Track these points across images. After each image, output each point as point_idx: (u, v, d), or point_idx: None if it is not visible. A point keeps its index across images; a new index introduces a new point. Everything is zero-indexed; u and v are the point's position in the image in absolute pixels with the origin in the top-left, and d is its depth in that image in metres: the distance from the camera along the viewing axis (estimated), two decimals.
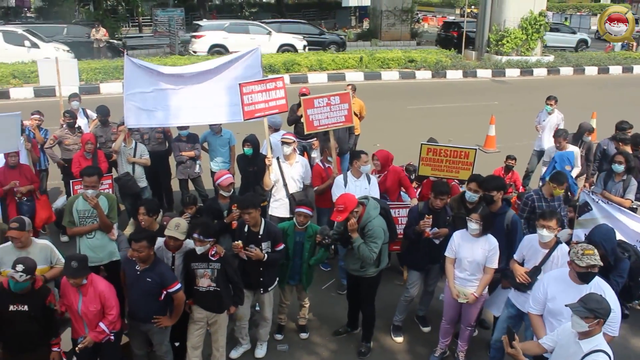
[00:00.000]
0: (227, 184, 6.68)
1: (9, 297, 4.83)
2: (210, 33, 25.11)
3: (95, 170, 6.35)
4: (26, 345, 5.02)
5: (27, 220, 5.50)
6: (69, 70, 10.57)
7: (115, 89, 18.56)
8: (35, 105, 11.15)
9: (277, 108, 7.56)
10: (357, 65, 23.00)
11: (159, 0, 41.23)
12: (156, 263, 5.25)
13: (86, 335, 5.04)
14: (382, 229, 5.83)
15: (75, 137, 8.89)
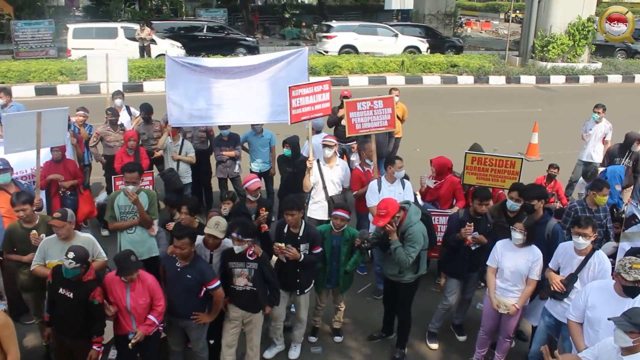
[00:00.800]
0: (255, 189, 6.67)
1: (61, 280, 5.00)
2: (341, 34, 25.98)
3: (136, 166, 6.48)
4: (68, 332, 5.16)
5: (70, 212, 5.64)
6: (119, 66, 10.76)
7: (158, 87, 18.88)
8: (81, 102, 11.43)
9: (322, 111, 7.57)
10: (399, 69, 22.87)
11: (202, 1, 41.83)
12: (196, 260, 5.31)
13: (136, 330, 5.12)
14: (422, 235, 5.78)
15: (117, 134, 9.07)
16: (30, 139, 6.71)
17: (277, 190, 8.60)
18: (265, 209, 6.53)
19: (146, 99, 9.83)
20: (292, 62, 7.89)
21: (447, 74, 23.07)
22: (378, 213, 5.68)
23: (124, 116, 9.90)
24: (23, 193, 5.94)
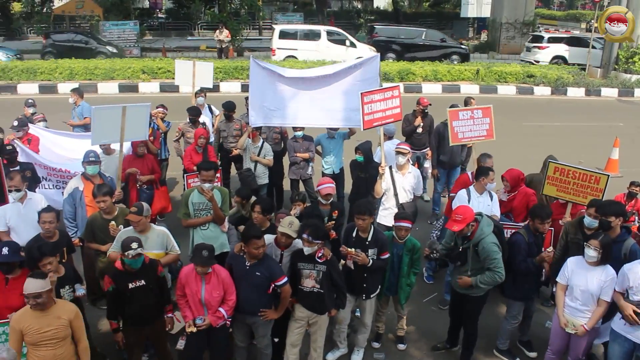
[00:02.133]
0: (325, 194, 6.70)
1: (127, 276, 5.21)
2: (553, 45, 27.04)
3: (212, 165, 6.64)
4: (146, 318, 5.39)
5: (146, 207, 5.86)
6: (204, 72, 11.06)
7: (233, 88, 19.38)
8: (160, 100, 11.83)
9: (393, 117, 7.56)
10: (473, 77, 22.48)
11: (279, 5, 42.54)
12: (265, 257, 5.39)
13: (205, 318, 5.27)
14: (496, 245, 5.66)
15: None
16: (115, 132, 7.02)
17: (348, 194, 8.62)
18: (338, 212, 6.57)
19: (222, 99, 10.08)
20: (364, 67, 7.96)
21: (523, 84, 22.48)
22: (454, 218, 5.62)
23: (206, 115, 10.20)
24: (104, 185, 6.24)
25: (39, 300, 4.48)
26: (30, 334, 4.52)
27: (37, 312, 4.55)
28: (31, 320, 4.54)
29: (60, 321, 4.62)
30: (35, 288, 4.44)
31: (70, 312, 4.71)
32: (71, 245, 6.35)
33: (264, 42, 33.95)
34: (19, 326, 4.54)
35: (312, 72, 8.36)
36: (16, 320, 4.58)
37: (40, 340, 4.56)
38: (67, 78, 20.78)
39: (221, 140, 9.25)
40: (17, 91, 20.07)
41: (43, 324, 4.54)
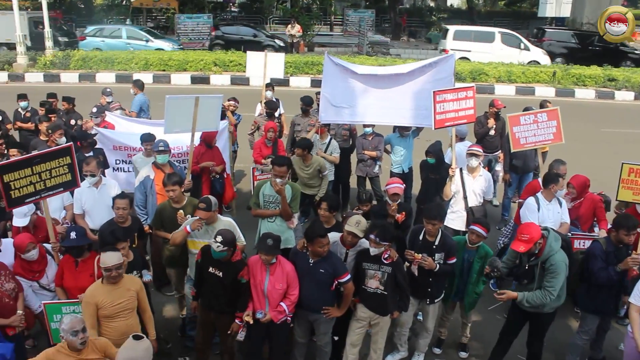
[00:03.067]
0: (392, 193, 6.57)
1: (210, 260, 5.29)
2: None
3: (286, 160, 6.63)
4: (214, 306, 5.45)
5: (214, 201, 5.89)
6: (276, 62, 11.12)
7: (303, 83, 19.48)
8: (231, 92, 12.00)
9: (466, 118, 7.36)
10: (549, 80, 21.68)
11: (351, 1, 42.39)
12: (329, 255, 5.34)
13: (267, 312, 5.28)
14: (564, 264, 5.37)
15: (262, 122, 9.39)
16: (187, 122, 7.12)
17: (416, 195, 8.46)
18: (406, 213, 6.44)
19: (291, 94, 10.12)
20: (438, 67, 7.80)
21: (604, 88, 21.49)
22: (520, 237, 5.34)
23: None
24: (174, 175, 6.33)
25: (120, 271, 4.76)
26: (105, 307, 4.76)
27: (108, 286, 4.79)
28: (104, 294, 4.77)
29: (130, 293, 4.87)
30: (114, 260, 4.71)
31: (136, 284, 5.01)
32: (142, 231, 6.51)
33: (334, 38, 34.00)
34: (93, 300, 4.75)
35: (386, 70, 8.25)
36: (90, 295, 4.78)
37: (115, 313, 4.80)
38: (143, 68, 21.49)
39: (295, 134, 9.27)
40: (96, 80, 20.90)
41: (115, 296, 4.77)
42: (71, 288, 5.36)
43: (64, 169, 5.64)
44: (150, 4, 35.65)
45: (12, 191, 5.30)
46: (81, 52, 23.01)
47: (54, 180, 5.59)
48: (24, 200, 5.46)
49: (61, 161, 5.60)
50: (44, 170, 5.47)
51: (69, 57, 22.44)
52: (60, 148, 5.76)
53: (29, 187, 5.40)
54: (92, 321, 4.77)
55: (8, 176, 5.24)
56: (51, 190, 5.60)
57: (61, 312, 5.24)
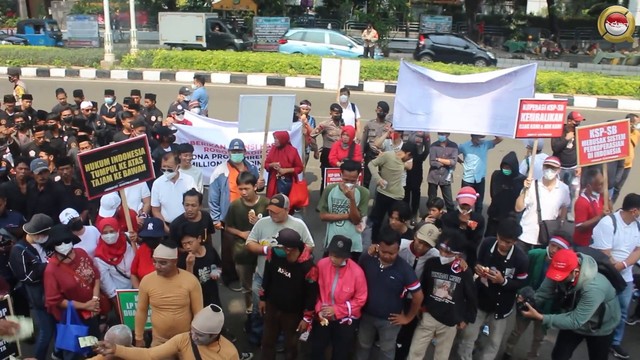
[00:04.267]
0: (463, 203, 6.47)
1: (279, 260, 5.40)
2: None
3: (356, 165, 6.64)
4: (281, 305, 5.54)
5: (286, 199, 5.98)
6: (351, 70, 11.12)
7: (377, 88, 19.46)
8: (305, 94, 12.13)
9: (551, 132, 7.13)
10: (635, 92, 20.65)
11: (428, 8, 41.99)
12: (399, 262, 5.33)
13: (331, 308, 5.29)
14: (601, 292, 5.11)
15: (339, 128, 9.44)
16: (261, 121, 7.25)
17: (488, 206, 8.28)
18: (478, 223, 6.33)
19: (364, 98, 10.13)
20: (519, 76, 7.62)
21: None
22: (556, 265, 5.14)
23: (349, 112, 10.26)
24: (248, 173, 6.46)
25: (164, 266, 4.82)
26: (154, 297, 4.90)
27: (162, 278, 4.89)
28: (156, 285, 4.90)
29: (180, 290, 4.93)
30: (162, 254, 4.79)
31: (190, 283, 5.01)
32: (212, 226, 6.67)
33: (410, 44, 33.75)
34: (146, 288, 4.93)
35: (464, 78, 8.13)
36: (144, 282, 4.96)
37: (162, 304, 4.91)
38: (220, 69, 22.09)
39: (368, 139, 9.27)
40: (176, 78, 21.64)
41: (165, 289, 4.88)
42: None
43: (139, 160, 5.87)
44: (230, 6, 36.59)
45: (93, 180, 5.60)
46: (163, 51, 23.92)
47: (130, 170, 5.83)
48: (103, 190, 5.74)
49: (136, 152, 5.83)
50: (120, 160, 5.73)
51: (151, 56, 23.37)
52: (135, 139, 6.00)
53: (107, 177, 5.68)
54: (143, 305, 5.01)
55: (89, 165, 5.53)
56: (128, 180, 5.85)
57: (133, 301, 5.45)
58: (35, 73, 23.27)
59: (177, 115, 9.09)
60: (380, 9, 31.55)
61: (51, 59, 24.05)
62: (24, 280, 5.53)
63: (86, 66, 23.57)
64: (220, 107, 13.25)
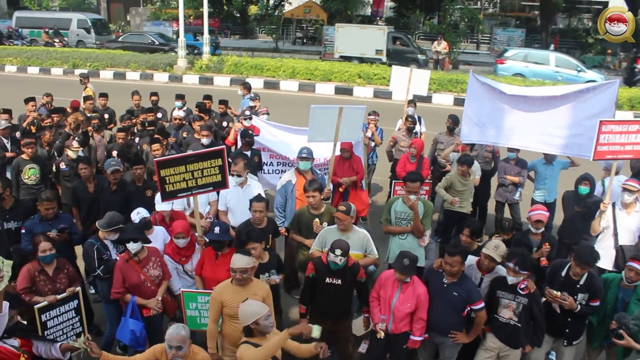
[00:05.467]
0: (536, 220, 6.27)
1: (327, 270, 5.37)
2: None
3: (418, 176, 6.57)
4: (333, 315, 5.51)
5: (354, 207, 5.99)
6: (420, 79, 10.99)
7: (446, 101, 19.18)
8: (373, 105, 12.10)
9: (632, 153, 6.76)
10: None
11: (501, 20, 41.17)
12: (464, 278, 5.23)
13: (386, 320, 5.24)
14: None
15: (410, 140, 9.35)
16: (330, 131, 7.26)
17: (558, 226, 7.99)
18: (549, 244, 6.12)
19: (432, 111, 10.00)
20: (599, 93, 7.20)
21: None
22: None
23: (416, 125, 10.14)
24: (315, 181, 6.49)
25: (245, 275, 4.84)
26: (229, 307, 4.88)
27: (236, 287, 4.91)
28: (231, 294, 4.89)
29: (255, 298, 4.88)
30: (243, 264, 4.81)
31: (264, 291, 5.04)
32: (277, 232, 6.73)
33: (480, 57, 33.17)
34: (220, 298, 4.92)
35: (537, 92, 7.87)
36: (218, 292, 4.95)
37: (237, 313, 4.84)
38: (290, 76, 22.36)
39: (436, 152, 9.15)
40: None
41: (241, 298, 4.82)
42: (209, 279, 5.65)
43: (215, 170, 5.92)
44: (300, 15, 37.10)
45: (167, 185, 5.70)
46: (234, 57, 24.45)
47: (205, 179, 5.89)
48: (176, 195, 5.85)
49: (213, 162, 5.88)
50: (196, 169, 5.79)
51: (222, 62, 23.94)
52: (214, 150, 6.05)
53: (181, 183, 5.76)
54: (215, 316, 4.95)
55: (164, 171, 5.64)
56: (201, 188, 5.92)
57: (197, 301, 5.56)
58: (112, 76, 24.37)
59: (245, 120, 9.21)
60: (451, 21, 31.21)
61: (127, 63, 25.07)
62: (94, 274, 5.75)
63: (160, 70, 24.41)
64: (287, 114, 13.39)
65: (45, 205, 6.18)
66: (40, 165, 8.08)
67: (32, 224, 6.12)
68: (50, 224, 6.14)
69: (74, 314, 5.46)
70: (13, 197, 6.93)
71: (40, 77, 25.00)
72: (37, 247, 5.38)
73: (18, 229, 6.55)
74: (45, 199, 6.22)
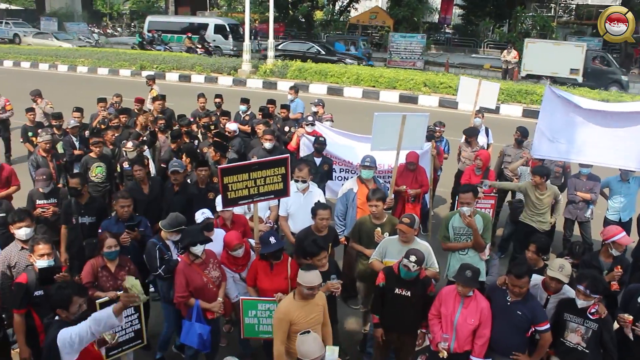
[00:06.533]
0: (618, 243, 5.94)
1: (397, 280, 5.28)
2: None
3: (471, 188, 6.38)
4: (400, 327, 5.42)
5: (417, 219, 5.88)
6: (489, 91, 10.70)
7: (515, 112, 18.63)
8: (438, 114, 11.88)
9: None
10: None
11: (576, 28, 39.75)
12: (529, 297, 5.02)
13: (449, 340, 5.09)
14: None
15: (472, 152, 9.14)
16: (393, 139, 7.14)
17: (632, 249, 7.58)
18: (622, 267, 5.79)
19: (500, 122, 9.71)
20: None
21: None
22: None
23: (482, 137, 9.89)
24: (379, 191, 6.39)
25: (316, 290, 4.79)
26: (298, 323, 4.78)
27: (300, 301, 4.83)
28: (298, 310, 4.81)
29: (319, 308, 4.91)
30: (314, 280, 4.72)
31: (322, 298, 5.01)
32: (337, 240, 6.65)
33: None
34: (288, 317, 4.79)
35: (615, 107, 7.50)
36: (285, 313, 4.80)
37: (309, 327, 4.79)
38: (353, 83, 22.29)
39: (503, 165, 8.87)
40: (309, 90, 22.12)
41: (308, 311, 4.83)
42: (266, 290, 5.57)
43: (278, 178, 5.91)
44: (366, 21, 37.06)
45: (229, 192, 5.72)
46: (298, 63, 24.60)
47: (267, 187, 5.89)
48: (236, 202, 5.87)
49: (276, 170, 5.88)
50: (259, 177, 5.79)
51: (286, 67, 24.14)
52: (278, 158, 6.05)
53: (243, 191, 5.77)
54: (284, 337, 4.83)
55: (227, 178, 5.66)
56: (263, 196, 5.93)
57: (256, 309, 5.54)
58: (177, 78, 25.08)
59: (307, 126, 9.20)
60: (522, 29, 30.33)
61: (193, 66, 25.72)
62: (156, 273, 5.83)
63: (224, 74, 24.88)
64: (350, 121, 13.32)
65: (120, 202, 6.33)
66: (107, 163, 8.34)
67: (108, 224, 6.26)
68: (125, 226, 6.24)
69: (133, 311, 5.54)
70: (89, 194, 7.18)
71: (109, 77, 26.11)
72: (103, 243, 5.51)
73: (92, 223, 6.79)
74: (120, 197, 6.39)
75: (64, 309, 4.28)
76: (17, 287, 5.22)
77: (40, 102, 11.95)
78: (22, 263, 5.58)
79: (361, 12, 41.45)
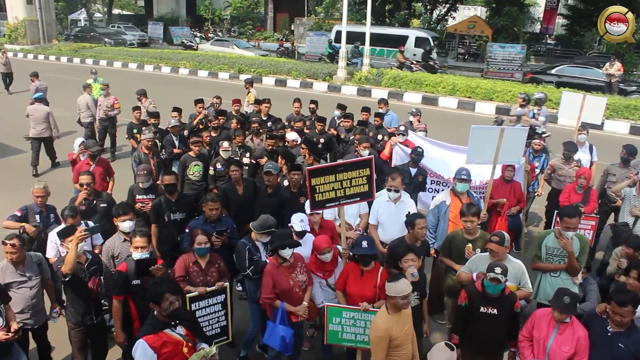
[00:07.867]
0: None
1: (482, 299, 5.13)
2: None
3: (577, 211, 6.04)
4: (485, 348, 5.26)
5: (507, 237, 5.67)
6: (595, 107, 10.27)
7: (620, 129, 17.58)
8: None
9: None
10: None
11: None
12: (632, 329, 4.72)
13: None
14: None
15: (571, 169, 8.71)
16: (490, 153, 6.94)
17: None
18: None
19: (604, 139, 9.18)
20: None
21: None
22: None
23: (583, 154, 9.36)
24: (474, 205, 6.22)
25: (410, 299, 4.74)
26: (397, 337, 4.74)
27: (394, 315, 4.76)
28: (395, 324, 4.76)
29: (409, 318, 4.90)
30: (408, 288, 4.67)
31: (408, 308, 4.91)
32: (428, 251, 6.56)
33: None
34: (389, 333, 4.72)
35: None
36: (386, 330, 4.72)
37: (405, 340, 4.82)
38: (449, 93, 21.88)
39: (607, 185, 8.39)
40: (403, 99, 21.99)
41: (403, 323, 4.79)
42: (354, 295, 5.57)
43: (363, 180, 5.93)
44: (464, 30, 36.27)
45: (317, 194, 5.78)
46: (394, 71, 24.46)
47: (353, 189, 5.92)
48: (324, 205, 5.92)
49: (361, 172, 5.90)
50: (345, 178, 5.83)
51: (381, 74, 24.04)
52: (363, 159, 6.10)
53: (330, 193, 5.83)
54: (384, 355, 4.75)
55: (315, 180, 5.72)
56: (349, 198, 5.95)
57: (341, 316, 5.54)
58: (273, 82, 25.63)
59: (399, 135, 9.10)
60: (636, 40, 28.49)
61: (289, 71, 26.20)
62: (244, 273, 5.95)
63: (319, 80, 25.14)
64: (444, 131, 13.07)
65: (209, 205, 6.49)
66: (204, 162, 8.62)
67: (196, 225, 6.43)
68: (212, 227, 6.39)
69: (220, 307, 5.72)
70: (178, 191, 7.44)
71: (208, 80, 27.17)
72: (194, 239, 5.68)
73: (183, 219, 7.04)
74: (209, 200, 6.54)
75: (157, 304, 4.50)
76: (117, 274, 5.53)
77: (145, 101, 12.59)
78: (124, 253, 5.91)
79: (459, 20, 40.65)
